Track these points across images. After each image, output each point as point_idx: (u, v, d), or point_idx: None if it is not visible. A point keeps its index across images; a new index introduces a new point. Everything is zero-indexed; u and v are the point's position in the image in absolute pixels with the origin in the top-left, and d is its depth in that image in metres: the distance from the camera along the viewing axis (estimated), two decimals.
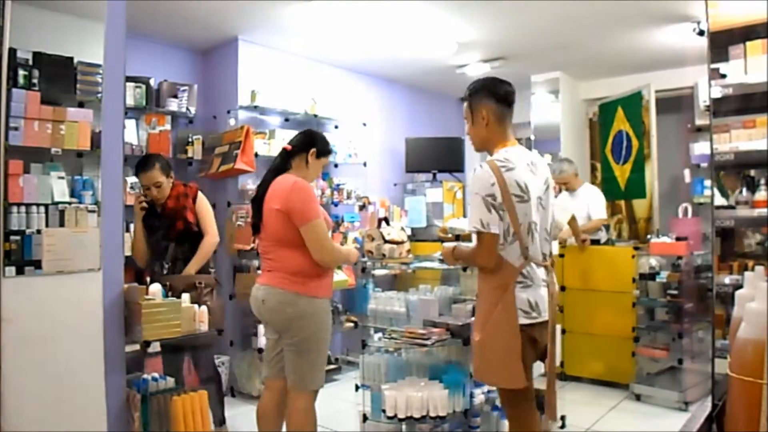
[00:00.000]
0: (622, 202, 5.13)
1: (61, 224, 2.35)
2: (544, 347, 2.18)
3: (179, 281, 2.89)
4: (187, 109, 4.09)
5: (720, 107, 2.33)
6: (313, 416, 2.38)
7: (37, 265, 2.27)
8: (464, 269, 2.91)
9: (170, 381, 2.69)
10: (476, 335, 2.17)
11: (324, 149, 2.56)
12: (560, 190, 4.48)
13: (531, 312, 2.06)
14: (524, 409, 2.21)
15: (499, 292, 2.06)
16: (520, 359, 2.03)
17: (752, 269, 1.93)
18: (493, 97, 2.12)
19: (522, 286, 2.06)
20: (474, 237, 2.10)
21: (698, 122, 4.79)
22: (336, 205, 4.69)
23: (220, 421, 3.12)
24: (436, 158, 5.47)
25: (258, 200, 2.45)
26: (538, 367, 2.31)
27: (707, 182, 4.66)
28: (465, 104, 2.23)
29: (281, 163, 2.50)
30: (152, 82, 3.90)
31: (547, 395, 2.19)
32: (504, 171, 2.02)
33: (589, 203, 4.42)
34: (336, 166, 4.73)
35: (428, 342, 2.63)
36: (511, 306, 2.04)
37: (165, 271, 3.05)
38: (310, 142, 2.52)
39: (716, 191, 2.48)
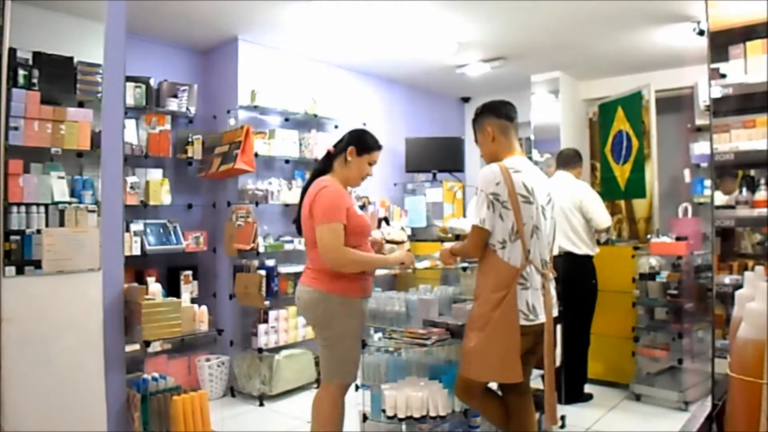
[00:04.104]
0: (622, 202, 5.12)
1: (61, 224, 2.35)
2: (539, 352, 2.21)
3: None
4: (187, 108, 4.09)
5: (720, 107, 2.33)
6: (337, 409, 2.42)
7: (37, 265, 2.27)
8: (464, 269, 2.92)
9: (170, 381, 2.69)
10: (474, 337, 2.18)
11: (365, 145, 2.48)
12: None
13: (529, 314, 2.13)
14: (511, 401, 2.35)
15: (501, 294, 2.10)
16: (519, 356, 2.11)
17: (752, 269, 1.92)
18: (494, 114, 2.33)
19: (522, 287, 2.12)
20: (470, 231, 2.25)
21: (698, 122, 4.79)
22: None
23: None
24: (436, 158, 5.47)
25: (301, 201, 2.49)
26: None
27: (707, 182, 4.66)
28: (473, 128, 2.42)
29: (322, 165, 2.53)
30: (152, 81, 3.91)
31: (546, 400, 2.23)
32: (512, 172, 2.15)
33: None
34: None
35: (428, 342, 2.62)
36: (513, 306, 2.09)
37: None
38: (348, 140, 2.50)
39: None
